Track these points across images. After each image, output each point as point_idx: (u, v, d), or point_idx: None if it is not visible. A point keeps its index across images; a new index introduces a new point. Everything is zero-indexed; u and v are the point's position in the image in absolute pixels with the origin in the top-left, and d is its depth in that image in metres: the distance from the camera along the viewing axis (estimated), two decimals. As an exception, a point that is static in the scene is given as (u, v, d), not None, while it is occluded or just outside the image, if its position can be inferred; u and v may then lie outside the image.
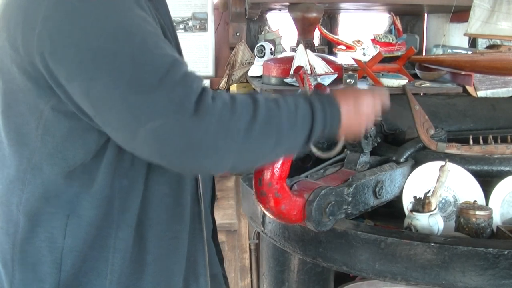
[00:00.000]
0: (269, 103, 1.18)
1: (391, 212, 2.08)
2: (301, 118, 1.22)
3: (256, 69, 2.67)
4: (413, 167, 2.10)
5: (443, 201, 2.03)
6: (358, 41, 2.34)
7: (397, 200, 2.04)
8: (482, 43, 2.93)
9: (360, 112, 1.38)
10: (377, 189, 1.91)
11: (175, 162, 1.11)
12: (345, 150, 2.13)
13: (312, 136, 1.24)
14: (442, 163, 1.86)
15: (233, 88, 2.79)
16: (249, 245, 3.26)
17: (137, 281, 1.33)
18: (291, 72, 2.22)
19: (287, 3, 2.57)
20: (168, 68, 1.09)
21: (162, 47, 1.13)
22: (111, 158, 1.25)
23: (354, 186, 1.79)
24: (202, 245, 1.51)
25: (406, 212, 1.87)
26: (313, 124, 1.23)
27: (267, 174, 1.49)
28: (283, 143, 1.21)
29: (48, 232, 1.26)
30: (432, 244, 1.58)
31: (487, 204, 1.97)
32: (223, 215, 3.14)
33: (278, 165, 1.49)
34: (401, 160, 2.10)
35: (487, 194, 2.01)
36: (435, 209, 1.82)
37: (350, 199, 1.78)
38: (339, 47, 2.33)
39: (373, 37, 2.43)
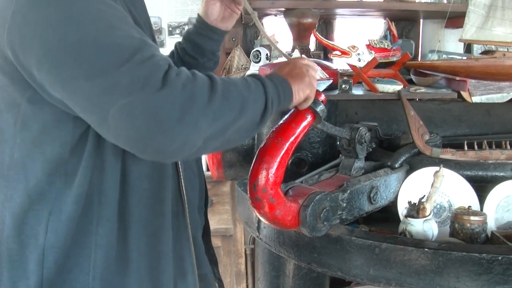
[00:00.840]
0: (223, 78, 1.22)
1: (386, 217, 2.09)
2: (254, 87, 1.27)
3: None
4: (408, 173, 2.10)
5: (438, 206, 2.03)
6: (353, 47, 2.35)
7: (392, 205, 2.05)
8: (477, 49, 2.94)
9: (302, 73, 1.45)
10: (371, 195, 1.91)
11: (146, 141, 1.09)
12: (340, 155, 2.14)
13: (269, 103, 1.29)
14: (437, 168, 1.87)
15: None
16: (245, 250, 3.26)
17: (122, 277, 1.33)
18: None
19: (283, 9, 2.58)
20: (135, 49, 1.09)
21: (128, 30, 1.14)
22: (90, 152, 1.26)
23: (348, 191, 1.80)
24: (188, 243, 1.51)
25: (401, 217, 1.87)
26: (266, 91, 1.28)
27: (262, 180, 1.50)
28: (246, 110, 1.23)
29: (32, 228, 1.27)
30: (426, 249, 1.59)
31: (481, 209, 1.98)
32: (219, 220, 3.14)
33: (273, 170, 1.49)
34: (396, 165, 2.11)
35: (481, 199, 2.02)
36: (429, 214, 1.83)
37: (344, 204, 1.78)
38: (334, 52, 2.33)
39: (368, 43, 2.44)
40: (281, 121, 1.58)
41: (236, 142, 1.34)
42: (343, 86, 2.25)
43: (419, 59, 3.26)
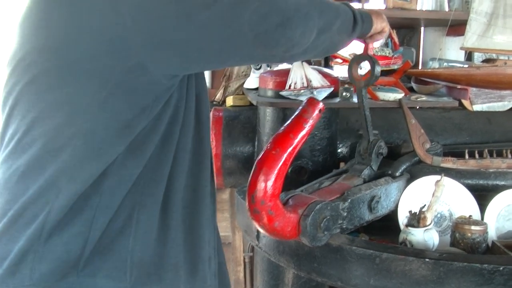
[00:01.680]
0: None
1: (386, 226, 2.07)
2: (343, 9, 1.58)
3: (252, 81, 2.68)
4: (409, 181, 2.09)
5: (439, 215, 2.02)
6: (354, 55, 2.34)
7: (392, 214, 2.04)
8: (478, 57, 2.94)
9: (379, 14, 1.78)
10: (372, 204, 1.90)
11: (280, 30, 1.30)
12: (341, 164, 2.15)
13: (358, 17, 1.62)
14: (438, 177, 1.86)
15: (229, 100, 2.79)
16: (244, 258, 3.25)
17: (161, 244, 1.38)
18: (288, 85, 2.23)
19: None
20: None
21: None
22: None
23: (349, 200, 1.78)
24: (213, 227, 1.60)
25: (402, 226, 1.86)
26: (351, 9, 1.61)
27: (260, 192, 1.49)
28: (341, 14, 1.54)
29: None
30: (427, 259, 1.58)
31: (482, 218, 1.97)
32: (218, 227, 3.12)
33: (271, 181, 1.48)
34: (397, 174, 2.10)
35: (482, 208, 2.01)
36: (430, 224, 1.82)
37: (345, 213, 1.77)
38: (335, 60, 2.34)
39: (369, 51, 2.43)
40: (279, 131, 1.57)
41: (337, 46, 1.68)
42: (344, 94, 2.24)
43: (420, 67, 3.26)
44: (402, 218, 1.93)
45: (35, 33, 1.32)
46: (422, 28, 3.28)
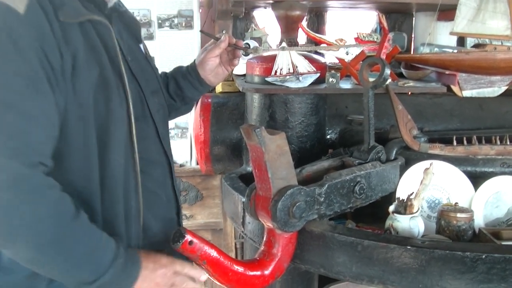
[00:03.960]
0: (84, 225, 1.29)
1: (376, 213, 2.05)
2: (98, 260, 1.31)
3: (240, 68, 2.64)
4: (403, 167, 2.08)
5: (436, 201, 2.02)
6: (341, 40, 2.32)
7: (382, 201, 2.01)
8: (470, 42, 2.91)
9: (157, 282, 1.44)
10: (356, 189, 1.86)
11: None
12: (329, 150, 2.12)
13: (98, 281, 1.31)
14: (444, 164, 1.88)
15: (218, 86, 2.76)
16: (235, 244, 3.24)
17: None
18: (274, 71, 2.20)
19: (271, 1, 2.55)
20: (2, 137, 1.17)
21: (13, 109, 1.18)
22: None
23: (326, 185, 1.75)
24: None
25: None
26: (106, 271, 1.31)
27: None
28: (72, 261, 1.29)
29: None
30: (409, 247, 1.57)
31: (470, 206, 1.95)
32: (209, 213, 3.12)
33: None
34: (384, 159, 2.07)
35: (469, 195, 2.00)
36: (417, 211, 1.80)
37: (322, 199, 1.74)
38: (321, 45, 2.30)
39: (357, 36, 2.41)
40: None
41: None
42: (331, 79, 2.21)
43: (412, 51, 3.23)
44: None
45: None
46: (414, 13, 3.25)
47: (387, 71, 1.91)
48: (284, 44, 2.28)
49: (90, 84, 1.33)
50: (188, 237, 1.47)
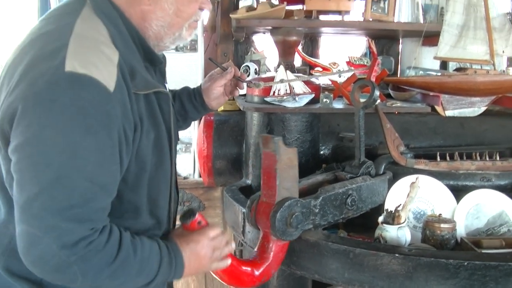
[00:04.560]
0: (128, 254, 1.28)
1: (366, 223, 2.07)
2: (147, 271, 1.32)
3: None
4: (391, 180, 2.10)
5: (422, 212, 2.03)
6: (334, 63, 2.35)
7: (372, 212, 2.03)
8: (452, 66, 2.94)
9: (202, 256, 1.46)
10: (348, 201, 1.88)
11: (27, 263, 1.19)
12: (323, 165, 2.14)
13: (153, 283, 1.35)
14: (428, 178, 1.91)
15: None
16: (234, 252, 3.24)
17: None
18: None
19: (269, 27, 2.58)
20: (80, 202, 1.16)
21: (95, 179, 1.18)
22: None
23: (321, 198, 1.77)
24: None
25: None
26: (155, 276, 1.34)
27: None
28: (126, 285, 1.31)
29: None
30: (397, 255, 1.59)
31: (452, 216, 1.97)
32: (210, 223, 3.11)
33: None
34: (374, 173, 2.10)
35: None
36: (404, 222, 1.82)
37: (317, 210, 1.76)
38: (316, 69, 2.33)
39: (348, 60, 2.43)
40: None
41: None
42: (324, 100, 2.24)
43: (399, 74, 3.26)
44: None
45: None
46: (400, 39, 3.29)
47: (377, 93, 1.94)
48: (281, 67, 2.31)
49: (148, 146, 1.36)
50: (198, 218, 1.48)
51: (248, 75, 2.77)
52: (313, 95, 2.25)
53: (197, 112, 1.90)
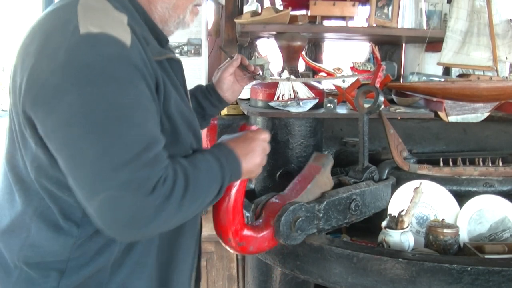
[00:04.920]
0: (195, 172, 1.27)
1: (368, 228, 2.08)
2: (214, 179, 1.33)
3: (245, 92, 2.68)
4: (394, 186, 2.11)
5: (424, 217, 2.04)
6: (338, 69, 2.36)
7: (375, 217, 2.04)
8: (455, 71, 2.95)
9: (255, 153, 1.47)
10: (352, 206, 1.89)
11: (120, 231, 1.17)
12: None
13: (222, 189, 1.37)
14: (431, 183, 1.92)
15: (224, 109, 2.80)
16: (236, 256, 3.24)
17: (135, 280, 1.37)
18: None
19: (274, 32, 2.59)
20: (143, 148, 1.15)
21: (144, 125, 1.18)
22: None
23: (325, 202, 1.78)
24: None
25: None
26: (223, 180, 1.35)
27: (223, 234, 1.56)
28: (206, 200, 1.32)
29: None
30: (401, 259, 1.59)
31: (455, 222, 1.98)
32: (212, 227, 3.12)
33: (229, 223, 1.54)
34: (376, 178, 2.11)
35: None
36: (407, 227, 1.83)
37: (321, 214, 1.77)
38: (320, 74, 2.34)
39: (352, 65, 2.44)
40: None
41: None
42: (328, 105, 2.25)
43: (402, 80, 3.27)
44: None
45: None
46: (404, 44, 3.30)
47: (381, 98, 1.95)
48: (285, 72, 2.32)
49: (173, 107, 1.34)
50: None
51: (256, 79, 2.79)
52: (317, 100, 2.26)
53: (214, 107, 1.89)
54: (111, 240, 1.31)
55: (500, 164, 2.21)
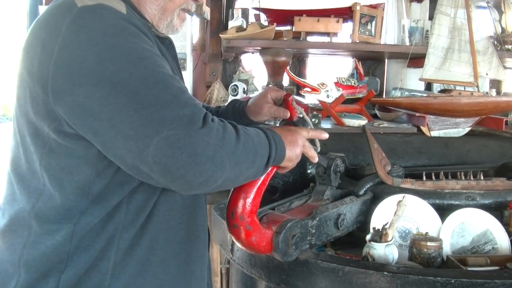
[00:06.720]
0: (244, 129, 1.28)
1: (351, 241, 2.10)
2: (263, 145, 1.34)
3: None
4: (373, 200, 2.13)
5: (406, 231, 2.06)
6: (323, 84, 2.38)
7: (357, 230, 2.06)
8: (437, 87, 3.00)
9: (297, 144, 1.49)
10: (339, 221, 1.91)
11: (181, 171, 1.13)
12: (311, 184, 2.16)
13: (270, 160, 1.36)
14: (408, 197, 1.92)
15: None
16: (221, 270, 3.24)
17: (139, 279, 1.35)
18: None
19: (259, 48, 2.61)
20: (179, 89, 1.18)
21: (169, 71, 1.21)
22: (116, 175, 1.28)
23: (317, 218, 1.80)
24: (206, 263, 1.59)
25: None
26: (270, 150, 1.36)
27: (240, 208, 1.50)
28: (256, 162, 1.30)
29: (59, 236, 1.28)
30: (386, 273, 1.60)
31: (438, 235, 2.00)
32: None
33: (250, 199, 1.50)
34: (361, 193, 2.13)
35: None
36: (391, 240, 1.84)
37: (314, 230, 1.79)
38: (305, 89, 2.36)
39: (336, 80, 2.47)
40: None
41: (240, 183, 1.39)
42: (313, 120, 2.27)
43: (384, 95, 3.31)
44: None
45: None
46: (386, 60, 3.34)
47: None
48: (270, 86, 2.34)
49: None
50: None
51: (237, 94, 2.80)
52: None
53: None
54: (111, 240, 1.30)
55: (482, 177, 2.24)
